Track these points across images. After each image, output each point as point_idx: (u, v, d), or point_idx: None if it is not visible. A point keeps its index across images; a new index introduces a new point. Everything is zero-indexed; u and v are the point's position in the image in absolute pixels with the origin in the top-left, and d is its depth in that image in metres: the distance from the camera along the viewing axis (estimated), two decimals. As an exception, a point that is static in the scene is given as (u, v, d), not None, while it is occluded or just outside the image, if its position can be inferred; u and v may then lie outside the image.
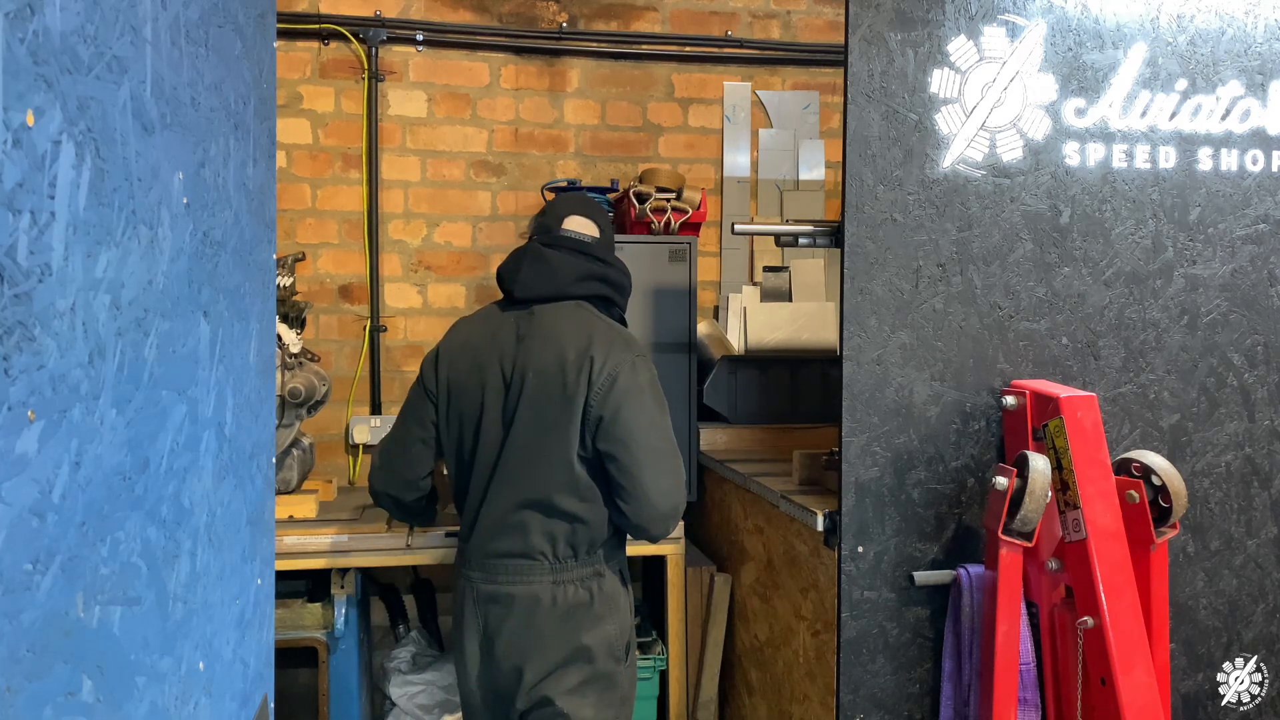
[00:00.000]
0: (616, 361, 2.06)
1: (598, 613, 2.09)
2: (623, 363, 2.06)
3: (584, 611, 2.08)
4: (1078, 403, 1.99)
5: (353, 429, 3.63)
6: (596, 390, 2.04)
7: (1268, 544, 2.34)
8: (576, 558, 2.09)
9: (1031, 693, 2.05)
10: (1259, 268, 2.31)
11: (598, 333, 2.11)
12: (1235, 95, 2.28)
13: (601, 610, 2.10)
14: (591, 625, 2.09)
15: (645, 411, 2.06)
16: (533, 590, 2.08)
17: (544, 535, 2.08)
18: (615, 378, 2.04)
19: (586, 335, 2.10)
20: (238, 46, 1.26)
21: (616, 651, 2.12)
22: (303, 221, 3.65)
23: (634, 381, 2.06)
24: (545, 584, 2.08)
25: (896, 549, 2.16)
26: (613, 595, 2.13)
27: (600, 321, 2.16)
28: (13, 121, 0.63)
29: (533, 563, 2.09)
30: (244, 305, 1.30)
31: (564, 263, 2.18)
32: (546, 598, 2.08)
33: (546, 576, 2.08)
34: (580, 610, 2.08)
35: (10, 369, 0.64)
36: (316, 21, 3.60)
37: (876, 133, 2.12)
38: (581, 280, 2.18)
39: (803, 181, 3.99)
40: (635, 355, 2.09)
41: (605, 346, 2.08)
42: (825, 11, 3.99)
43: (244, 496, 1.30)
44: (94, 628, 0.78)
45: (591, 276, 2.19)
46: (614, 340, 2.11)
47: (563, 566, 2.09)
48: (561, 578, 2.08)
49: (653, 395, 2.08)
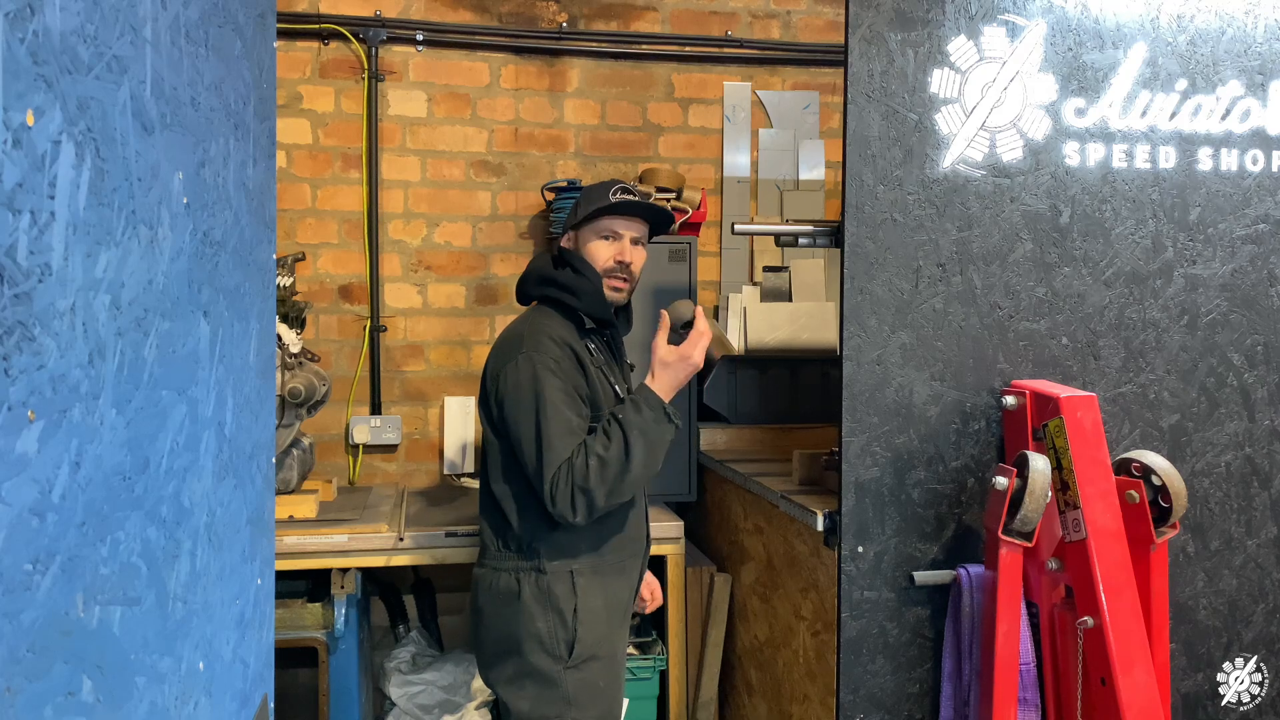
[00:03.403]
0: (501, 363, 2.14)
1: (529, 607, 2.09)
2: (505, 363, 2.12)
3: (514, 602, 2.11)
4: (1078, 403, 1.99)
5: (353, 429, 3.62)
6: (490, 392, 2.16)
7: (1268, 544, 2.34)
8: (510, 549, 2.15)
9: (1031, 693, 2.05)
10: (1259, 268, 2.31)
11: (504, 336, 2.22)
12: (1235, 95, 2.28)
13: (534, 605, 2.09)
14: (520, 617, 2.10)
15: (520, 409, 2.07)
16: (482, 570, 2.22)
17: (490, 525, 2.21)
18: (498, 378, 2.13)
19: (500, 340, 2.22)
20: (238, 46, 1.26)
21: (553, 650, 2.09)
22: (303, 221, 3.65)
23: (512, 380, 2.09)
24: (488, 568, 2.19)
25: (896, 549, 2.16)
26: (550, 593, 2.10)
27: (522, 324, 2.20)
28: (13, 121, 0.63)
29: (485, 547, 2.23)
30: (244, 305, 1.30)
31: (534, 268, 2.29)
32: (485, 581, 2.19)
33: (491, 562, 2.19)
34: (512, 600, 2.12)
35: (10, 369, 0.64)
36: (316, 21, 3.60)
37: (876, 133, 2.12)
38: (537, 284, 2.25)
39: (803, 181, 3.99)
40: (519, 354, 2.10)
41: (500, 349, 2.18)
42: (825, 11, 3.99)
43: (244, 496, 1.30)
44: (94, 628, 0.78)
45: (542, 280, 2.24)
46: (509, 342, 2.17)
47: (502, 555, 2.17)
48: (497, 565, 2.17)
49: (530, 391, 2.06)
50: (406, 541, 2.85)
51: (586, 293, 2.19)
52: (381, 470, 3.71)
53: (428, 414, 3.73)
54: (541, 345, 2.10)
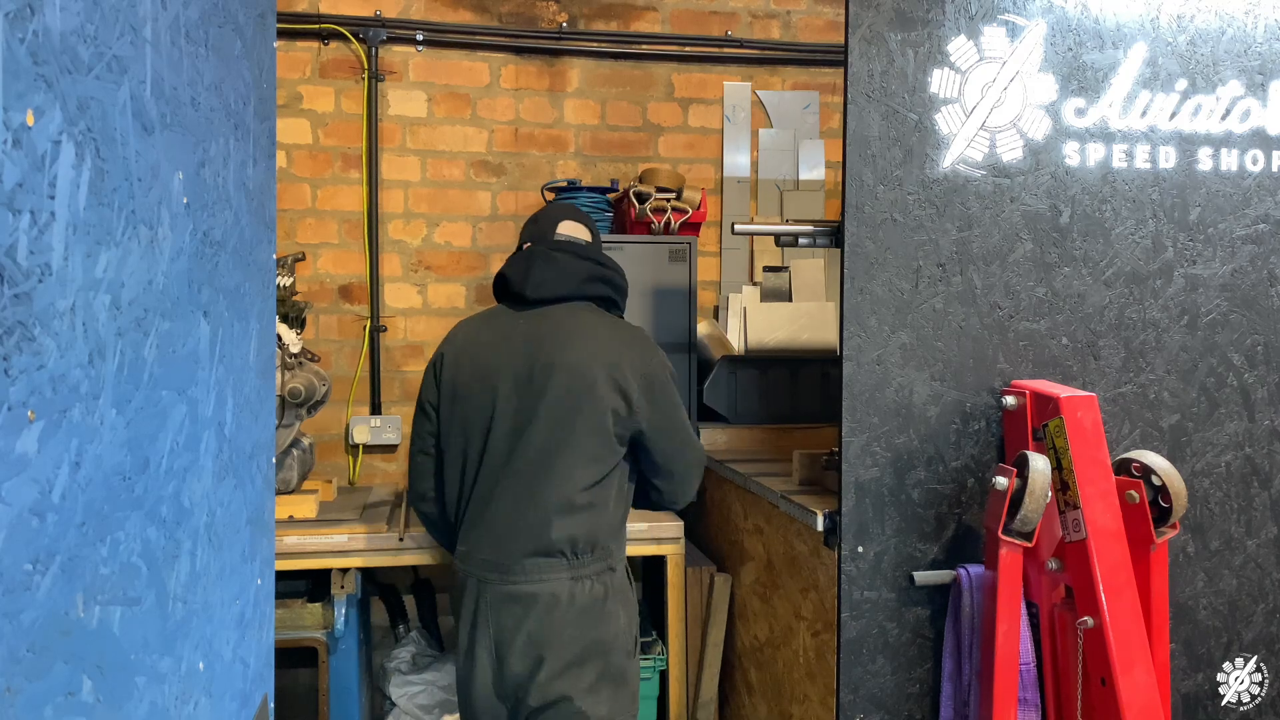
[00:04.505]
0: (648, 360, 2.22)
1: (610, 608, 2.13)
2: (653, 361, 2.23)
3: (599, 607, 2.11)
4: (1078, 403, 1.99)
5: (353, 429, 3.62)
6: (635, 388, 2.16)
7: (1268, 544, 2.34)
8: (592, 553, 2.13)
9: (1031, 693, 2.05)
10: (1259, 268, 2.31)
11: (622, 332, 2.26)
12: (1235, 95, 2.28)
13: (614, 605, 2.14)
14: (606, 620, 2.11)
15: (674, 401, 2.24)
16: (551, 588, 2.08)
17: (563, 532, 2.09)
18: (651, 376, 2.19)
19: (613, 335, 2.22)
20: (238, 46, 1.26)
21: (628, 646, 2.17)
22: (303, 221, 3.65)
23: (665, 375, 2.23)
24: (564, 580, 2.09)
25: (896, 549, 2.16)
26: (623, 589, 2.19)
27: (618, 321, 2.30)
28: (13, 121, 0.63)
29: (552, 560, 2.09)
30: (244, 305, 1.30)
31: (572, 265, 2.27)
32: (565, 594, 2.09)
33: (565, 573, 2.09)
34: (596, 605, 2.11)
35: (10, 369, 0.64)
36: (316, 21, 3.60)
37: (876, 133, 2.12)
38: (589, 281, 2.26)
39: (803, 181, 3.99)
40: (660, 353, 2.27)
41: (638, 347, 2.23)
42: (825, 11, 3.99)
43: (244, 496, 1.30)
44: (94, 628, 0.78)
45: (597, 278, 2.28)
46: (641, 340, 2.27)
47: (580, 563, 2.11)
48: (579, 574, 2.11)
49: (675, 384, 2.26)
50: (406, 541, 2.85)
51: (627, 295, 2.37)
52: (381, 470, 3.71)
53: (428, 414, 3.72)
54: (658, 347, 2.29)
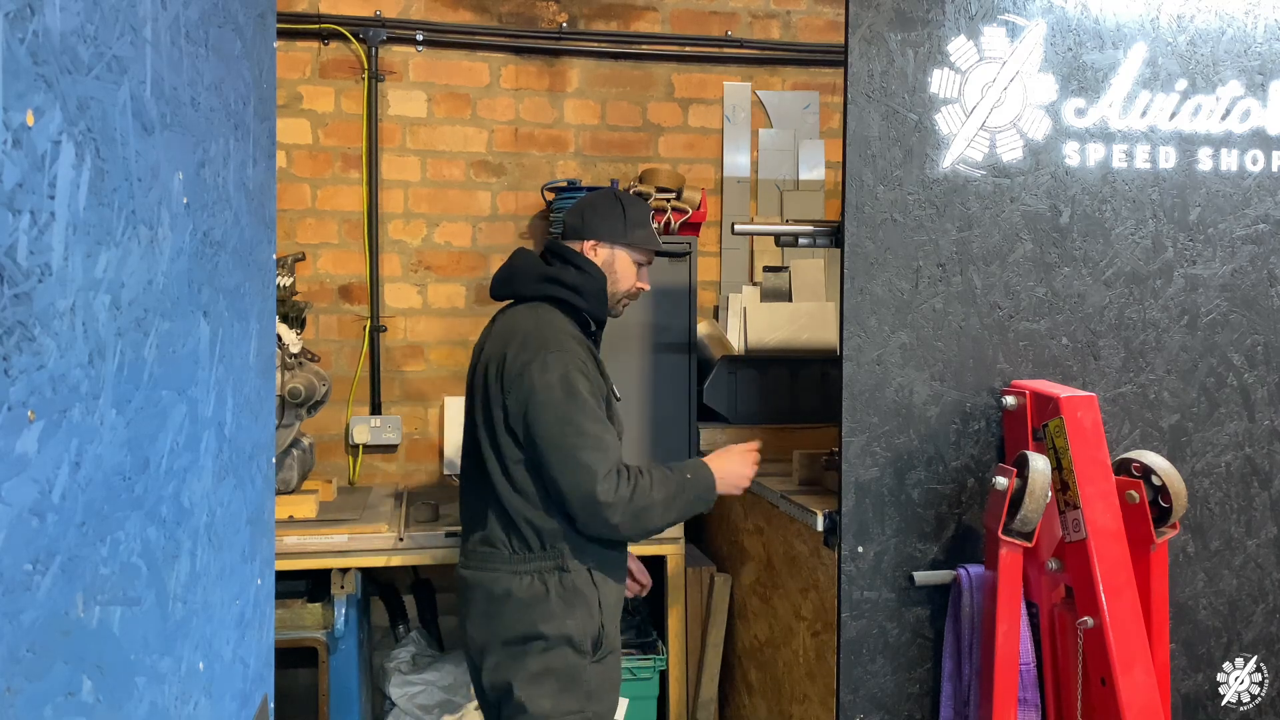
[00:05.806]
0: (524, 360, 2.08)
1: (554, 607, 2.08)
2: (530, 361, 2.07)
3: (542, 603, 2.08)
4: (1078, 403, 1.99)
5: (353, 429, 3.62)
6: (509, 390, 2.09)
7: (1268, 544, 2.34)
8: (532, 550, 2.10)
9: (1031, 693, 2.05)
10: (1259, 268, 2.31)
11: (519, 332, 2.15)
12: (1235, 95, 2.28)
13: (560, 604, 2.08)
14: (549, 617, 2.08)
15: (552, 408, 2.04)
16: (494, 576, 2.13)
17: (501, 527, 2.13)
18: (522, 376, 2.07)
19: (512, 336, 2.15)
20: (238, 46, 1.26)
21: (580, 646, 2.09)
22: (303, 221, 3.65)
23: (541, 379, 2.05)
24: (504, 572, 2.12)
25: (896, 549, 2.16)
26: (576, 590, 2.10)
27: (535, 321, 2.16)
28: (13, 121, 0.63)
29: (494, 550, 2.14)
30: (244, 305, 1.30)
31: (527, 264, 2.26)
32: (503, 586, 2.11)
33: (505, 566, 2.12)
34: (539, 602, 2.08)
35: (10, 369, 0.64)
36: (316, 21, 3.60)
37: (876, 133, 2.12)
38: (538, 282, 2.21)
39: (803, 181, 3.99)
40: (547, 353, 2.08)
41: (518, 346, 2.11)
42: (825, 11, 3.99)
43: (244, 496, 1.30)
44: (94, 628, 0.78)
45: (545, 278, 2.21)
46: (529, 339, 2.11)
47: (521, 558, 2.11)
48: (520, 568, 2.11)
49: (564, 391, 2.05)
50: (406, 541, 2.85)
51: (591, 292, 2.20)
52: (381, 470, 3.71)
53: (428, 414, 3.73)
54: (566, 345, 2.10)
